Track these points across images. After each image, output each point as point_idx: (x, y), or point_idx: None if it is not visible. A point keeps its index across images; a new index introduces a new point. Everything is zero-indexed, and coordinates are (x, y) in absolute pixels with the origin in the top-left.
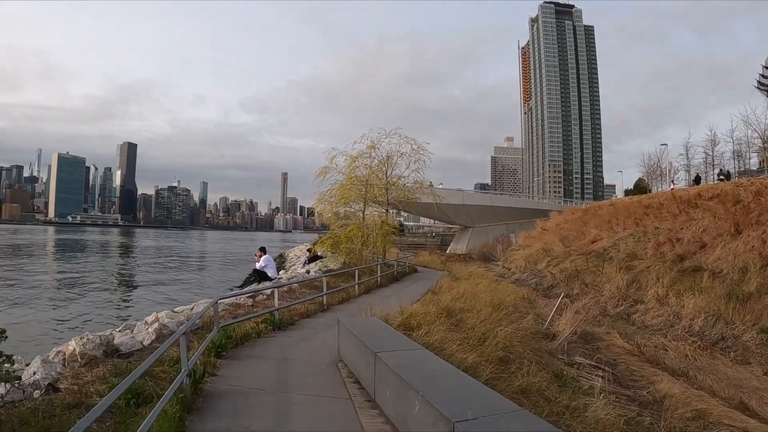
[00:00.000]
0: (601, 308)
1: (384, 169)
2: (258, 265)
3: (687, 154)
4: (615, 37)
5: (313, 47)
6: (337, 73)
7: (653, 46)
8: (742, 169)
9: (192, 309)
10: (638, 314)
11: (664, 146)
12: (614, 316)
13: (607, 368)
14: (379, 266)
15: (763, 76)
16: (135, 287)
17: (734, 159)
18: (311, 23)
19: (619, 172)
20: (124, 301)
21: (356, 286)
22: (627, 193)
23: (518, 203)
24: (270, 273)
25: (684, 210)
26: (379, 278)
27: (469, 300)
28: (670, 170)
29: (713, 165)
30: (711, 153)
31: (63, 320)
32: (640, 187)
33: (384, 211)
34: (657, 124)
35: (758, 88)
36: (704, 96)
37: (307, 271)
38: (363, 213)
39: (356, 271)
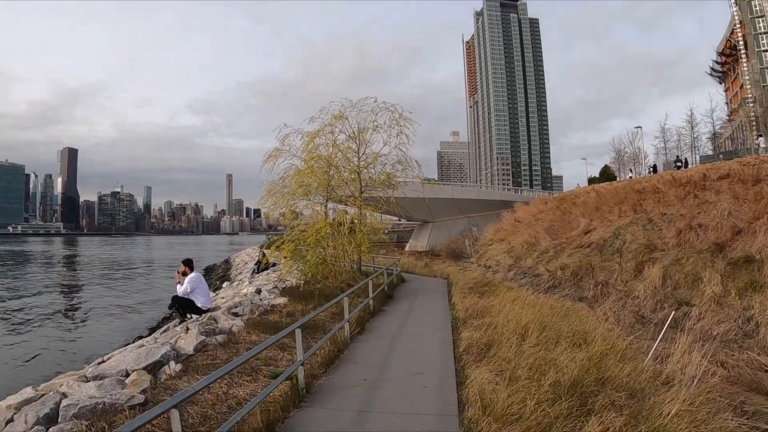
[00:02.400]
0: (634, 313)
1: (355, 147)
2: (180, 290)
3: (663, 137)
4: (558, 33)
5: (264, 47)
6: (286, 72)
7: (596, 41)
8: (704, 155)
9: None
10: (691, 320)
11: (638, 129)
12: (658, 324)
13: None
14: (370, 283)
15: (716, 62)
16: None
17: (713, 141)
18: (262, 23)
19: (583, 159)
20: None
21: (346, 326)
22: (591, 181)
23: (482, 195)
24: (200, 301)
25: (691, 193)
26: (371, 301)
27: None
28: (638, 155)
29: (694, 147)
30: (691, 134)
31: None
32: (606, 174)
33: (357, 206)
34: (600, 116)
35: (711, 74)
36: (645, 89)
37: (258, 291)
38: (326, 207)
39: (346, 302)
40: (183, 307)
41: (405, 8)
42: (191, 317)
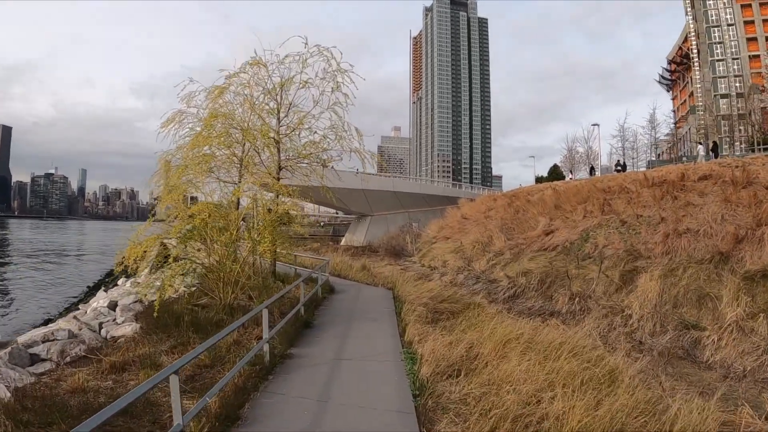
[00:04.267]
0: (629, 336)
1: (274, 106)
2: None
3: (622, 136)
4: (506, 37)
5: (211, 33)
6: (232, 60)
7: (543, 46)
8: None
9: None
10: (707, 350)
11: (595, 126)
12: (662, 351)
13: None
14: (265, 314)
15: (666, 70)
16: None
17: (676, 144)
18: (210, 10)
19: (531, 157)
20: None
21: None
22: (539, 180)
23: (425, 189)
24: None
25: (669, 193)
26: (267, 347)
27: None
28: (589, 155)
29: (655, 148)
30: (653, 134)
31: None
32: (555, 174)
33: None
34: (541, 120)
35: (659, 82)
36: (588, 95)
37: (113, 305)
38: (239, 191)
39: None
40: None
41: (355, 3)
42: None
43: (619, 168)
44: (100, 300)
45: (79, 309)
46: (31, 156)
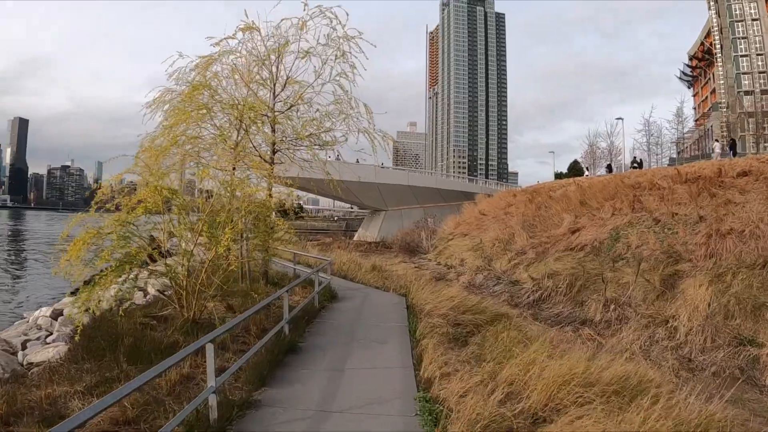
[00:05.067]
0: (674, 353)
1: (270, 77)
2: None
3: (647, 131)
4: (522, 34)
5: (229, 24)
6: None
7: (557, 45)
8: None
9: None
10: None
11: (619, 120)
12: (721, 375)
13: None
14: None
15: (687, 66)
16: None
17: (698, 141)
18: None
19: (551, 152)
20: None
21: None
22: (558, 176)
23: (441, 183)
24: None
25: (705, 190)
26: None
27: None
28: (611, 151)
29: (676, 145)
30: (680, 129)
31: None
32: (575, 170)
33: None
34: (554, 118)
35: (680, 78)
36: (601, 94)
37: (58, 314)
38: (232, 176)
39: None
40: None
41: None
42: None
43: (635, 165)
44: (46, 310)
45: (24, 317)
46: (48, 148)
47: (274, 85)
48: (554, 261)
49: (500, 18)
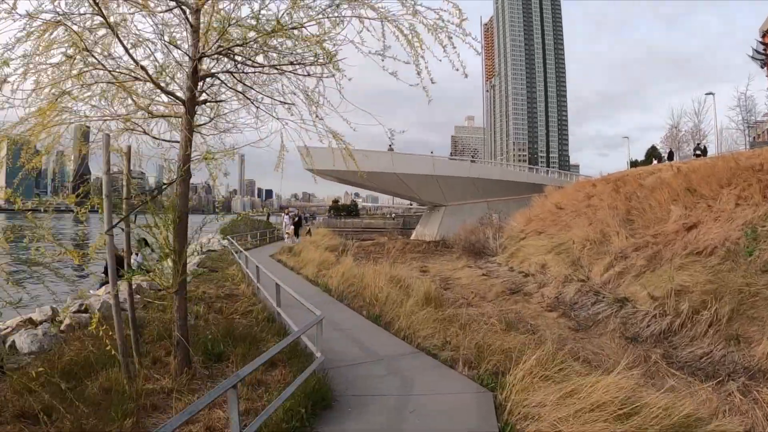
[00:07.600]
0: None
1: None
2: None
3: (744, 106)
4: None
5: None
6: None
7: (618, 33)
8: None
9: None
10: None
11: (709, 95)
12: None
13: None
14: None
15: (761, 43)
16: None
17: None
18: None
19: (625, 138)
20: None
21: None
22: (633, 164)
23: (506, 175)
24: None
25: None
26: None
27: None
28: (694, 133)
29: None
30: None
31: None
32: (653, 156)
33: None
34: (615, 108)
35: (753, 58)
36: (662, 83)
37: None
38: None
39: None
40: None
41: None
42: None
43: (698, 153)
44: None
45: None
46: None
47: None
48: (678, 270)
49: (555, 5)
